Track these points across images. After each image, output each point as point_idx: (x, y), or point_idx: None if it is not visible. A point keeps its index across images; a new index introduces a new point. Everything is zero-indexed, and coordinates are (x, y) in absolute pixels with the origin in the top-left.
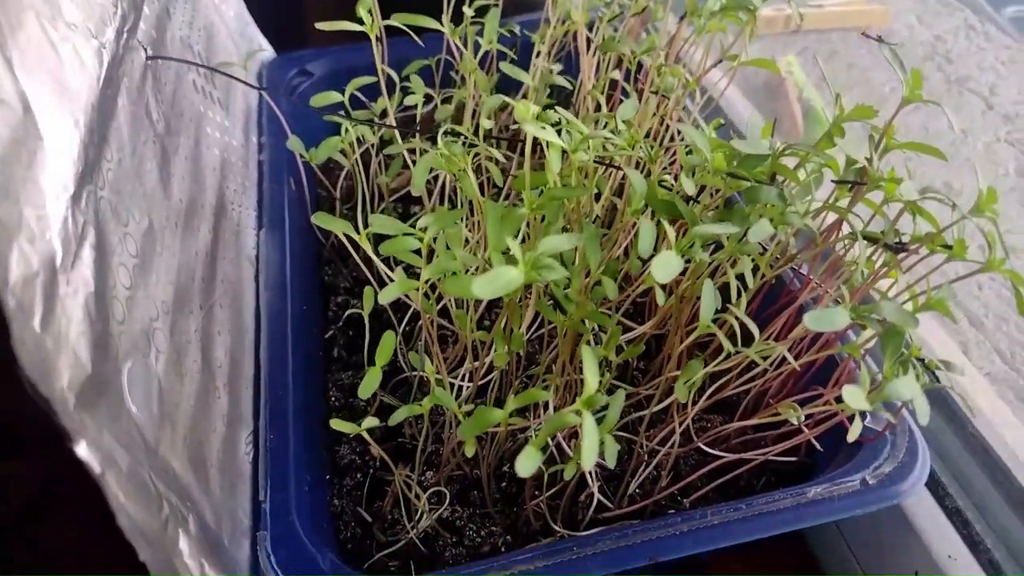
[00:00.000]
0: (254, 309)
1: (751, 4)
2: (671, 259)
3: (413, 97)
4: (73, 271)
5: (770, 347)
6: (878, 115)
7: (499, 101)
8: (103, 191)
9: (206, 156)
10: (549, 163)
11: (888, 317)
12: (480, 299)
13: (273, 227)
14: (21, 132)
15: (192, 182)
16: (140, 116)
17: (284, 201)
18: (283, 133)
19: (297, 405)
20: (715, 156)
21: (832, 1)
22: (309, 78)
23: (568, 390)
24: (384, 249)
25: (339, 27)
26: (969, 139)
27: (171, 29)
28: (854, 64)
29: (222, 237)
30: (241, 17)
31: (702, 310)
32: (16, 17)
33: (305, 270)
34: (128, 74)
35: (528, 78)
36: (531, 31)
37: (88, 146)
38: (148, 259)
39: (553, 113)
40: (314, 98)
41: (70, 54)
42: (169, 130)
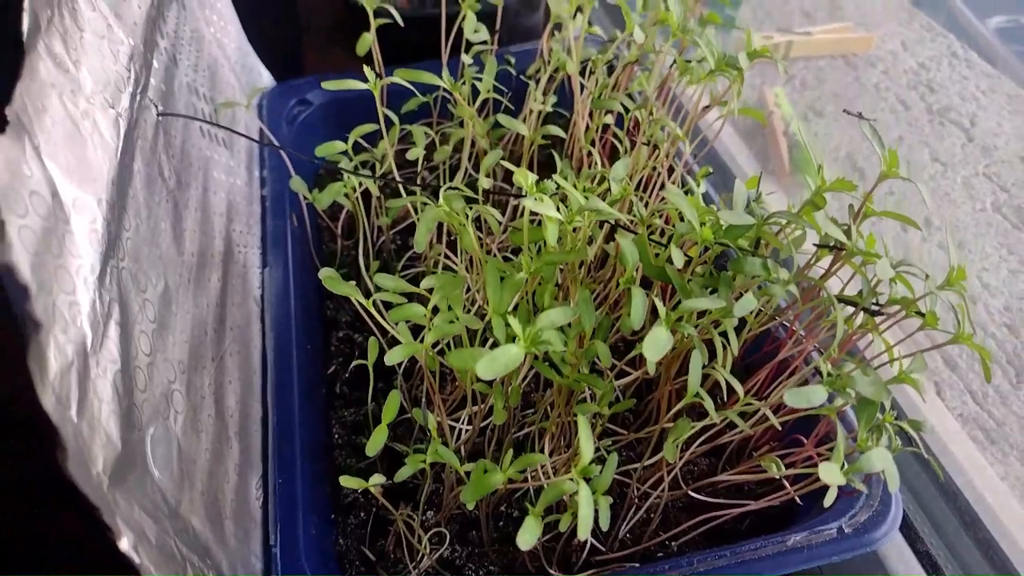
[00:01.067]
0: (261, 351)
1: (738, 64)
2: (661, 337)
3: (414, 151)
4: (102, 351)
5: (753, 405)
6: (856, 188)
7: (497, 158)
8: (124, 262)
9: (214, 202)
10: (546, 234)
11: (862, 392)
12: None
13: (276, 265)
14: (51, 221)
15: (202, 234)
16: (154, 176)
17: (287, 237)
18: (284, 167)
19: (303, 447)
20: (703, 230)
21: (820, 28)
22: (309, 107)
23: (563, 434)
24: (392, 317)
25: (344, 86)
26: (949, 172)
27: (178, 76)
28: (840, 94)
29: (230, 282)
30: (242, 48)
31: (690, 380)
32: (41, 99)
33: (308, 307)
34: (142, 135)
35: (524, 128)
36: (527, 62)
37: (110, 222)
38: (165, 321)
39: (551, 183)
40: (319, 148)
41: (90, 129)
42: (180, 184)
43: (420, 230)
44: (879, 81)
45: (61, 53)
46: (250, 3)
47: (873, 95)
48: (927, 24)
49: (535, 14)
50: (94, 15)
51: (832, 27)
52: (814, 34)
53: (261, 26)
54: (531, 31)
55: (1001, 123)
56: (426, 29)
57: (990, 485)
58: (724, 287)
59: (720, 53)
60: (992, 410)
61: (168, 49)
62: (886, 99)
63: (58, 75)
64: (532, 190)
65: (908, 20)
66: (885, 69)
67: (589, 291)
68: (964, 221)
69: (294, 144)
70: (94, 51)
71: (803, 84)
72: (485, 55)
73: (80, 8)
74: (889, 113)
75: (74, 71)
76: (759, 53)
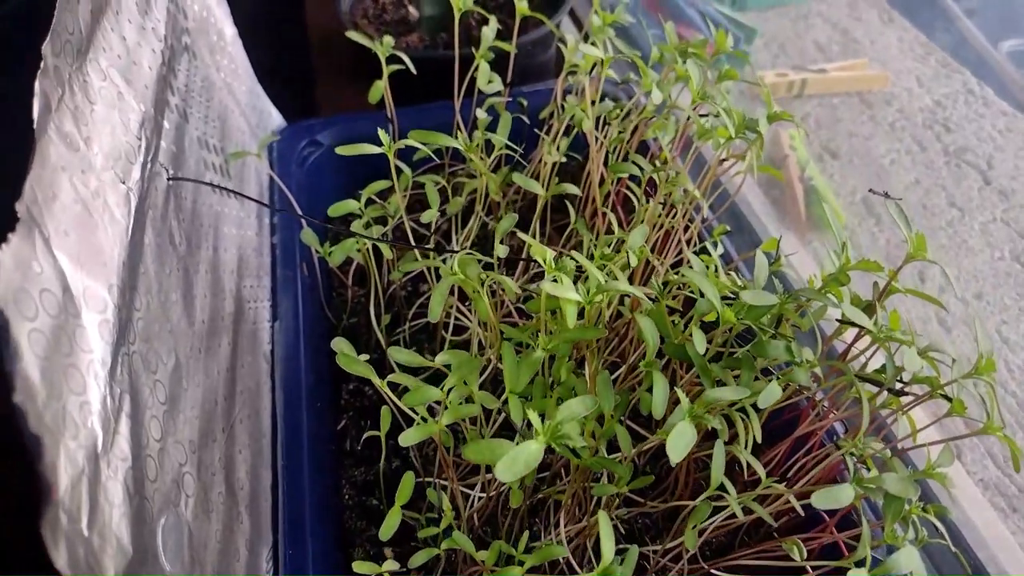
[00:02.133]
0: (271, 411)
1: (758, 127)
2: (686, 434)
3: (428, 214)
4: (112, 450)
5: (775, 490)
6: (882, 270)
7: (511, 223)
8: (135, 346)
9: (224, 260)
10: (566, 318)
11: (890, 490)
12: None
13: (287, 319)
14: (62, 318)
15: (212, 296)
16: (164, 246)
17: (296, 287)
18: (294, 211)
19: (313, 513)
20: (725, 311)
21: (834, 66)
22: (319, 148)
23: (578, 504)
24: (407, 401)
25: (358, 151)
26: (966, 218)
27: (188, 132)
28: (855, 133)
29: (240, 343)
30: (252, 91)
31: (713, 474)
32: (50, 185)
33: (318, 360)
34: (153, 205)
35: (539, 188)
36: (540, 102)
37: (121, 308)
38: (176, 400)
39: (569, 261)
40: (332, 208)
41: (101, 210)
42: (190, 248)
43: (435, 299)
44: (895, 120)
45: (72, 132)
46: (261, 42)
47: (889, 135)
48: (943, 59)
49: (547, 51)
50: (105, 85)
51: (847, 64)
52: (829, 71)
53: (272, 63)
54: (543, 67)
55: (1018, 165)
56: (438, 70)
57: (1013, 558)
58: (747, 369)
59: (740, 116)
60: (1013, 474)
61: (179, 105)
62: (902, 139)
63: (69, 156)
64: (550, 268)
65: (924, 56)
66: (900, 107)
67: (607, 370)
68: (982, 271)
69: (305, 186)
70: (105, 124)
71: (817, 123)
72: (498, 105)
73: (91, 80)
74: (905, 154)
75: (84, 149)
76: (780, 116)
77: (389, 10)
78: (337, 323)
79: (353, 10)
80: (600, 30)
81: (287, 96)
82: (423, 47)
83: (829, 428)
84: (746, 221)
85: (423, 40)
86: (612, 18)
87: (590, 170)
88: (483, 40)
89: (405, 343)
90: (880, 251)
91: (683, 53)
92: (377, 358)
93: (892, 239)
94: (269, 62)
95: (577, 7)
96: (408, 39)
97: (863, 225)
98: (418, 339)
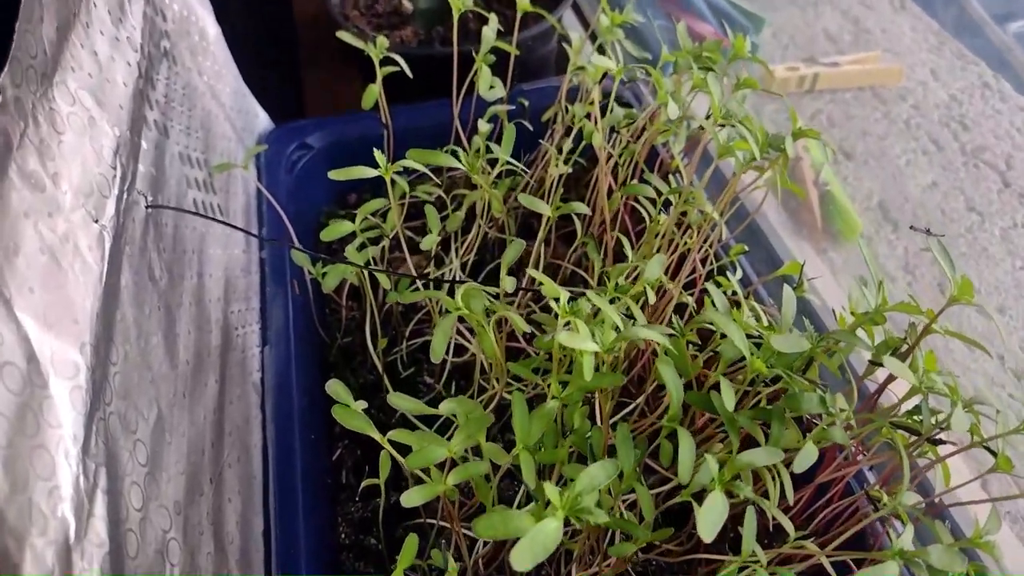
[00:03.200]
0: (261, 447)
1: (782, 144)
2: (717, 507)
3: (428, 240)
4: (87, 537)
5: (806, 548)
6: (920, 313)
7: (518, 251)
8: (111, 406)
9: (209, 287)
10: (583, 370)
11: (935, 563)
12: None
13: (277, 343)
14: (27, 393)
15: (197, 330)
16: (144, 284)
17: (287, 308)
18: (283, 227)
19: (309, 561)
20: (753, 360)
21: (847, 58)
22: (309, 151)
23: (591, 552)
24: (409, 464)
25: (352, 175)
26: (986, 223)
27: (169, 148)
28: (869, 131)
29: (228, 376)
30: (238, 91)
31: (744, 544)
32: (12, 236)
33: (310, 386)
34: (130, 239)
35: (545, 208)
36: (542, 101)
37: (95, 368)
38: (158, 458)
39: (584, 304)
40: (324, 231)
41: (71, 257)
42: (172, 280)
43: (437, 339)
44: (910, 116)
45: (37, 170)
46: (246, 39)
47: (904, 133)
48: (957, 50)
49: (548, 44)
50: (74, 110)
51: (860, 56)
52: (842, 65)
53: (259, 61)
54: (544, 61)
55: None
56: (435, 68)
57: None
58: (777, 421)
59: (764, 133)
60: None
61: (158, 120)
62: (917, 138)
63: (33, 199)
64: (564, 312)
65: (938, 46)
66: (915, 103)
67: (620, 403)
68: (1003, 281)
69: (295, 193)
70: (75, 157)
71: (830, 121)
72: (500, 112)
73: (59, 107)
74: (921, 155)
75: (52, 187)
76: (806, 133)
77: (382, 1)
78: (331, 342)
79: (343, 2)
80: (608, 31)
81: (273, 96)
82: (418, 42)
83: (859, 474)
84: (759, 229)
85: (418, 34)
86: (621, 18)
87: (598, 180)
88: (483, 41)
89: (403, 363)
90: (898, 260)
91: (697, 57)
92: (374, 380)
93: (911, 247)
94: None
95: None
96: (402, 33)
97: (880, 232)
98: (417, 359)
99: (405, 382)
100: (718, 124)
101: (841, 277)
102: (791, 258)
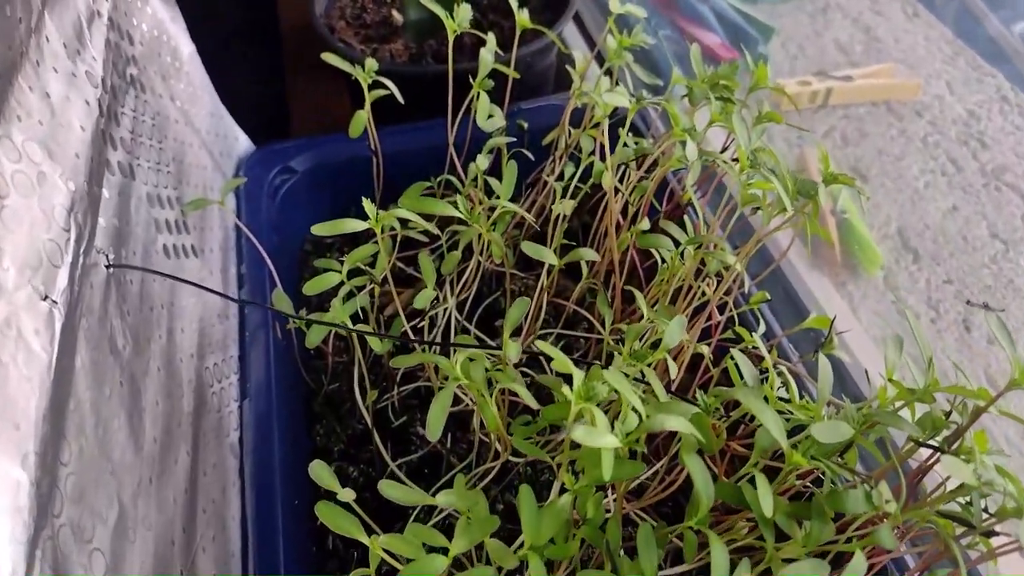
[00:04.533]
0: (239, 518)
1: (812, 190)
2: None
3: (424, 296)
4: None
5: None
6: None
7: (524, 310)
8: (61, 518)
9: (181, 344)
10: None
11: None
12: None
13: (257, 395)
14: None
15: (167, 398)
16: (103, 360)
17: (268, 356)
18: (263, 263)
19: None
20: (792, 454)
21: (860, 72)
22: (293, 175)
23: None
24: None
25: (339, 229)
26: (1011, 252)
27: (135, 192)
28: (885, 150)
29: (202, 443)
30: (215, 113)
31: None
32: None
33: (294, 443)
34: (87, 310)
35: (551, 256)
36: (541, 120)
37: (41, 479)
38: (120, 564)
39: (601, 387)
40: (307, 285)
41: (13, 347)
42: (138, 347)
43: (434, 414)
44: (927, 134)
45: None
46: (226, 54)
47: (921, 152)
48: (973, 60)
49: (547, 59)
50: (20, 167)
51: (874, 69)
52: (855, 79)
53: (240, 76)
54: (543, 76)
55: None
56: (427, 86)
57: None
58: (818, 521)
59: (793, 181)
60: None
61: (123, 162)
62: (936, 157)
63: None
64: (579, 398)
65: (953, 56)
66: (932, 119)
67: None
68: None
69: (277, 221)
70: (19, 225)
71: (844, 138)
72: (499, 143)
73: (1, 165)
74: (940, 176)
75: None
76: (839, 179)
77: (370, 10)
78: (317, 388)
79: (329, 11)
80: (617, 55)
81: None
82: (409, 56)
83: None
84: (772, 260)
85: (409, 48)
86: (630, 41)
87: (604, 217)
88: (481, 64)
89: (394, 410)
90: (920, 293)
91: (714, 86)
92: (363, 429)
93: (932, 279)
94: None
95: (581, 10)
96: (392, 47)
97: (900, 262)
98: (409, 405)
99: (397, 433)
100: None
101: (861, 313)
102: (809, 295)
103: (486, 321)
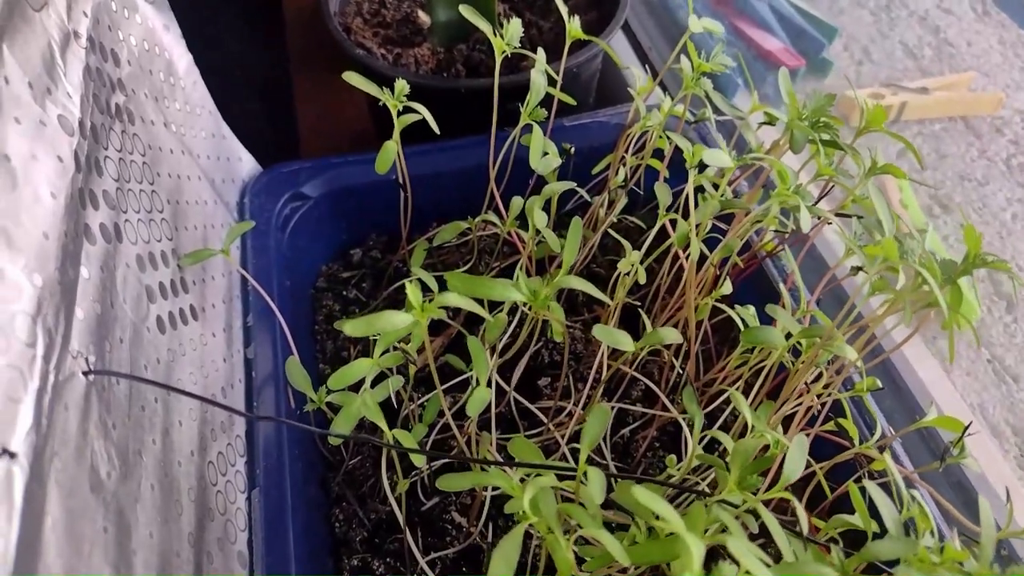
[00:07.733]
0: None
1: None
2: None
3: (478, 399)
4: None
5: None
6: None
7: (606, 421)
8: None
9: (179, 443)
10: None
11: None
12: None
13: (269, 483)
14: None
15: (163, 526)
16: (82, 506)
17: (281, 438)
18: (272, 313)
19: None
20: None
21: (936, 82)
22: (305, 202)
23: None
24: None
25: (375, 327)
26: None
27: (122, 260)
28: (967, 175)
29: (205, 562)
30: (217, 133)
31: None
32: None
33: (312, 541)
34: (61, 443)
35: (628, 341)
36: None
37: None
38: None
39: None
40: (332, 378)
41: None
42: (126, 469)
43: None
44: (1010, 155)
45: None
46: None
47: (1006, 178)
48: None
49: (592, 66)
50: None
51: (950, 80)
52: (932, 91)
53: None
54: (587, 87)
55: None
56: (459, 103)
57: None
58: None
59: (936, 266)
60: None
61: (106, 223)
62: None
63: None
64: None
65: None
66: (1014, 137)
67: None
68: None
69: (289, 256)
70: None
71: (924, 162)
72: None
73: None
74: None
75: None
76: (991, 264)
77: (389, 5)
78: (335, 462)
79: (344, 8)
80: (694, 83)
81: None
82: (436, 63)
83: None
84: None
85: (436, 53)
86: (708, 67)
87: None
88: (532, 89)
89: (424, 489)
90: (1019, 350)
91: (815, 125)
92: (388, 513)
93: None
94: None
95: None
96: (417, 51)
97: (993, 312)
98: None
99: (428, 519)
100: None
101: (956, 375)
102: (900, 355)
103: (528, 381)
